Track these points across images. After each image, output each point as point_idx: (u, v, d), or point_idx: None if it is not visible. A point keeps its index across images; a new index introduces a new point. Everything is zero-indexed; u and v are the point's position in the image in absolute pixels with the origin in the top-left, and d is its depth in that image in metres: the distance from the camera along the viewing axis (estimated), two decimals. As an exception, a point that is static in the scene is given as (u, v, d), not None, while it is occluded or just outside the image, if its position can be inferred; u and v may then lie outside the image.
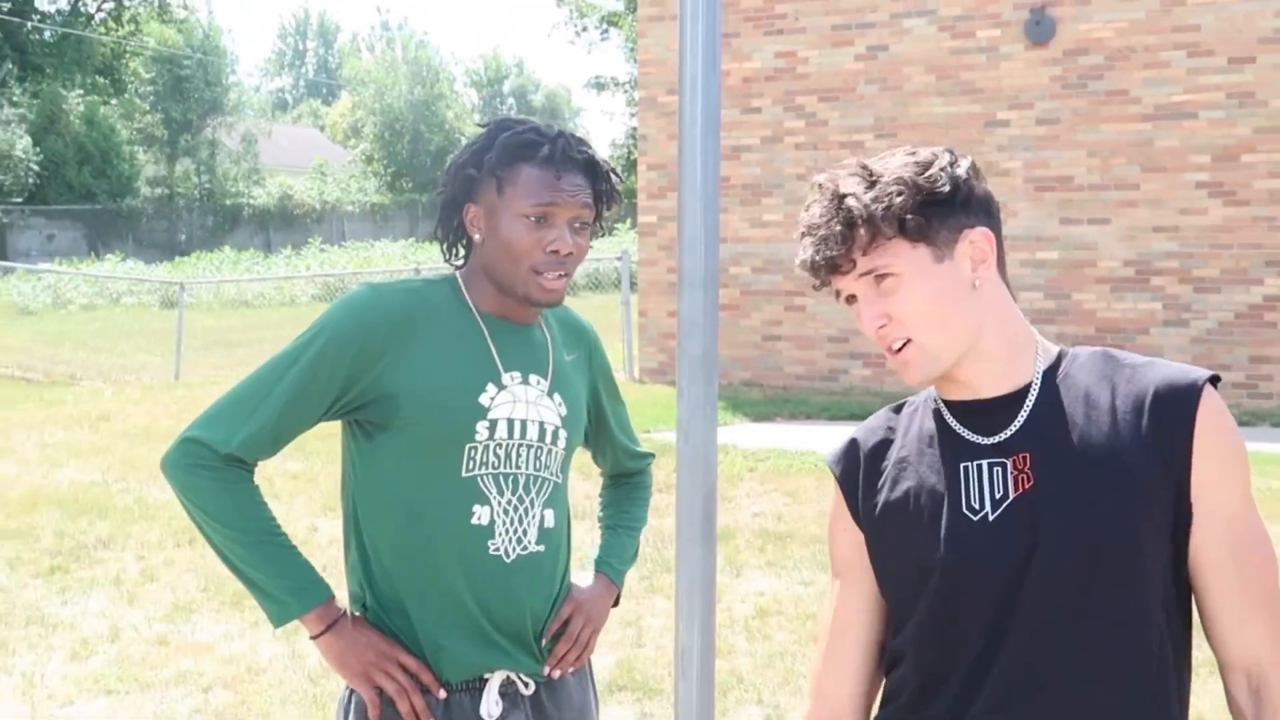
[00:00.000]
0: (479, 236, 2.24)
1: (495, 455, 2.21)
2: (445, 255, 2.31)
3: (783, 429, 10.46)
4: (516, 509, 2.23)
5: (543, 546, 2.26)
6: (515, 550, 2.22)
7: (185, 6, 49.72)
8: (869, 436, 1.92)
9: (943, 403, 1.84)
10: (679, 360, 1.95)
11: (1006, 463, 1.75)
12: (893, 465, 1.87)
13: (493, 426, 2.20)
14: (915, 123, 11.93)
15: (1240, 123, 10.86)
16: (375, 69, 60.67)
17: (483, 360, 2.23)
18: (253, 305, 26.59)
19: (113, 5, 47.29)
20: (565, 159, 2.19)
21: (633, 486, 2.66)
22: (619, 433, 2.57)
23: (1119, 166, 11.30)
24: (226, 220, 44.36)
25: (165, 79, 48.28)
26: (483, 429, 2.19)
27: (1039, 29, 11.42)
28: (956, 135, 11.76)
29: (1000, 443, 1.77)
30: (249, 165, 48.13)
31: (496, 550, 2.20)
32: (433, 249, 21.01)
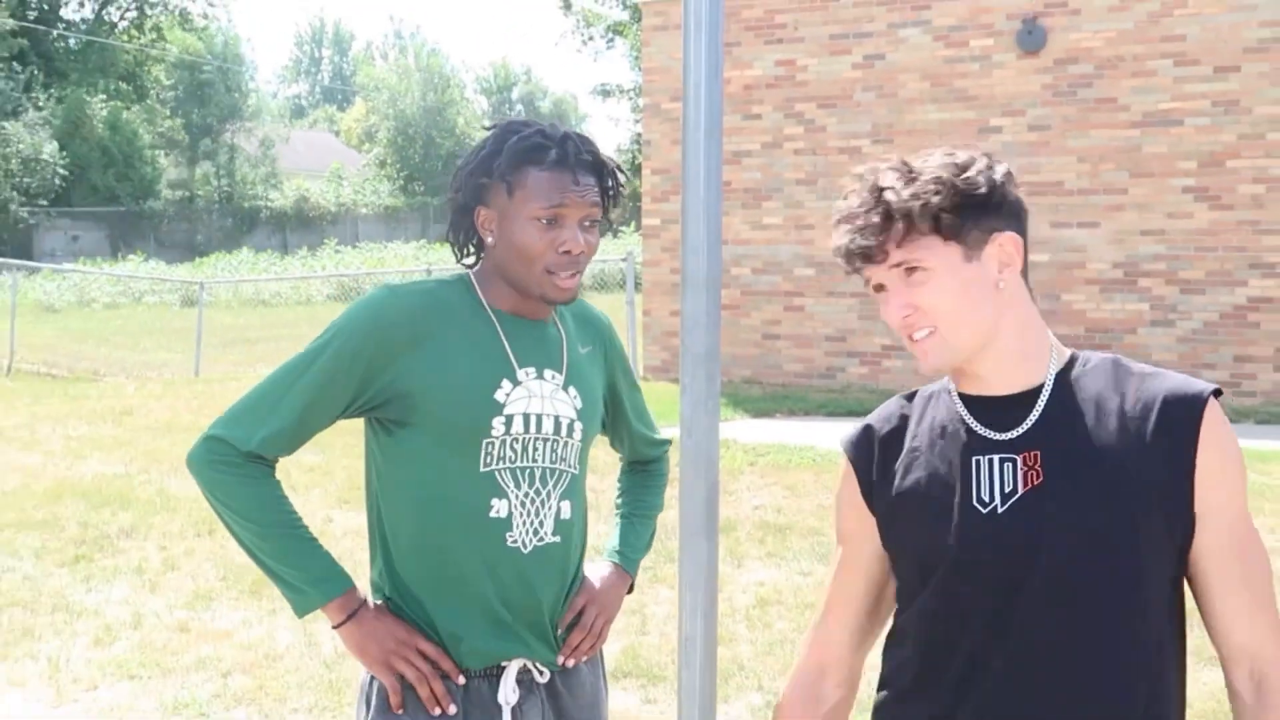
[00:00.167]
0: (491, 239, 2.22)
1: (512, 450, 2.20)
2: (457, 257, 2.29)
3: (782, 425, 10.45)
4: (534, 501, 2.22)
5: (559, 537, 2.25)
6: (532, 541, 2.21)
7: (205, 15, 49.74)
8: (884, 424, 1.93)
9: (958, 396, 1.86)
10: (682, 358, 1.95)
11: (1017, 459, 1.77)
12: (906, 453, 1.88)
13: (509, 422, 2.19)
14: (911, 129, 11.92)
15: (1225, 129, 10.85)
16: (389, 76, 60.76)
17: (498, 357, 2.21)
18: (270, 304, 26.63)
19: (135, 14, 47.27)
20: (574, 161, 2.18)
21: (649, 474, 2.64)
22: (636, 420, 2.55)
23: (1108, 172, 11.28)
24: (245, 222, 44.37)
25: (186, 85, 48.39)
26: (499, 424, 2.18)
27: (1030, 38, 11.41)
28: (950, 141, 11.57)
29: (1012, 439, 1.78)
30: (267, 169, 48.15)
31: (514, 542, 2.20)
32: (444, 250, 21.01)
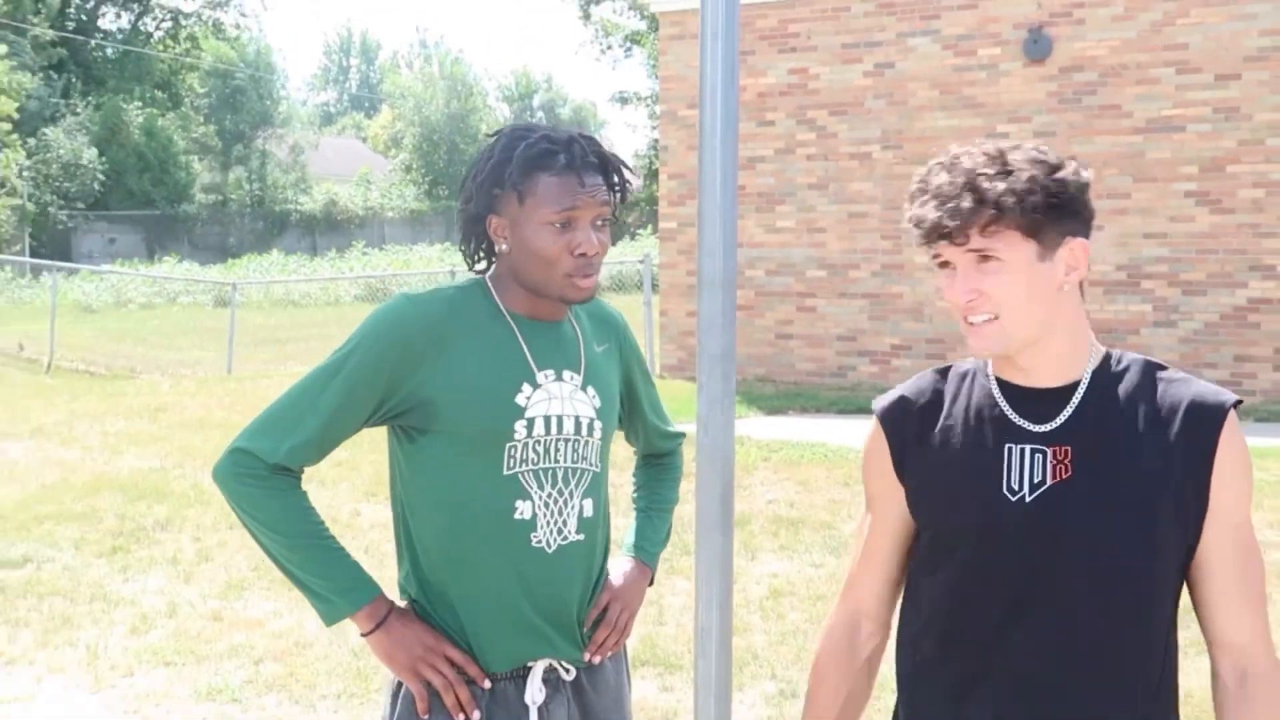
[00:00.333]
0: (505, 246, 2.19)
1: (535, 452, 2.17)
2: (469, 265, 2.26)
3: (794, 422, 10.44)
4: (557, 501, 2.19)
5: (583, 535, 2.22)
6: (557, 541, 2.19)
7: (238, 25, 49.91)
8: (918, 396, 1.94)
9: (997, 382, 1.87)
10: (699, 357, 1.95)
11: (1048, 451, 1.79)
12: (940, 430, 1.90)
13: (530, 424, 2.16)
14: (920, 136, 11.89)
15: (1226, 135, 10.79)
16: (414, 84, 60.80)
17: (517, 361, 2.18)
18: (300, 304, 26.70)
19: (170, 24, 47.44)
20: (581, 163, 2.15)
21: (664, 467, 2.62)
22: (651, 414, 2.53)
23: (1112, 177, 11.23)
24: (276, 225, 44.48)
25: (219, 93, 48.55)
26: (521, 428, 2.15)
27: (1036, 47, 11.36)
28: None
29: (1045, 432, 1.81)
30: (297, 174, 48.27)
31: (539, 543, 2.17)
32: (467, 252, 20.87)
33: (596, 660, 2.28)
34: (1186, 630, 1.84)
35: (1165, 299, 11.08)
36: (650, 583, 2.48)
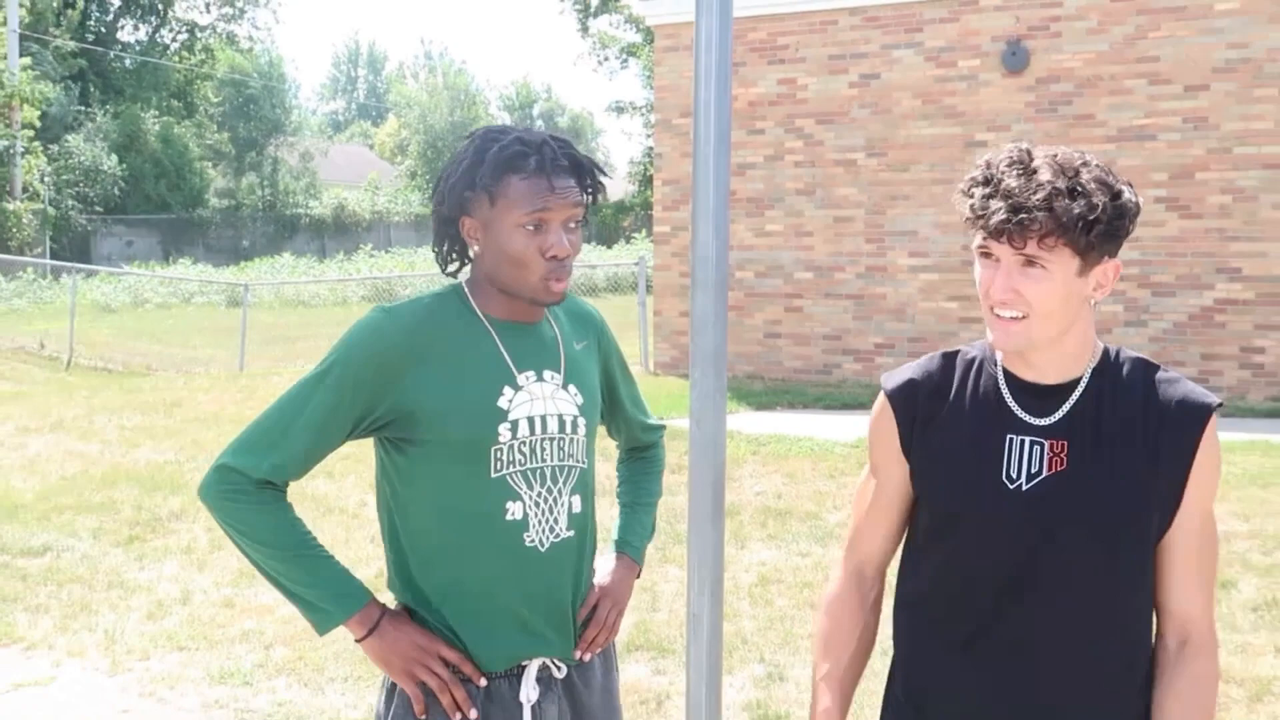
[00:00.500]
0: (477, 248, 2.14)
1: (521, 453, 2.11)
2: (442, 267, 2.19)
3: (782, 417, 10.44)
4: (546, 499, 2.14)
5: (573, 531, 2.17)
6: (549, 539, 2.14)
7: (251, 38, 49.81)
8: (926, 380, 1.98)
9: (1005, 374, 1.91)
10: (692, 355, 1.95)
11: (1045, 444, 1.85)
12: (946, 414, 1.94)
13: (514, 426, 2.10)
14: (904, 144, 11.89)
15: (1195, 144, 10.80)
16: (419, 94, 60.79)
17: (497, 365, 2.12)
18: (309, 305, 26.65)
19: (186, 36, 47.35)
20: (553, 165, 2.08)
21: (647, 461, 2.56)
22: (631, 408, 2.47)
23: (1086, 183, 11.23)
24: (286, 229, 44.39)
25: (233, 102, 48.41)
26: (505, 431, 2.09)
27: (1015, 59, 11.37)
28: (940, 155, 11.72)
29: (1045, 425, 1.86)
30: (307, 180, 48.13)
31: (532, 542, 2.12)
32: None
33: (587, 658, 2.24)
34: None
35: (1136, 299, 11.09)
36: (638, 576, 2.44)
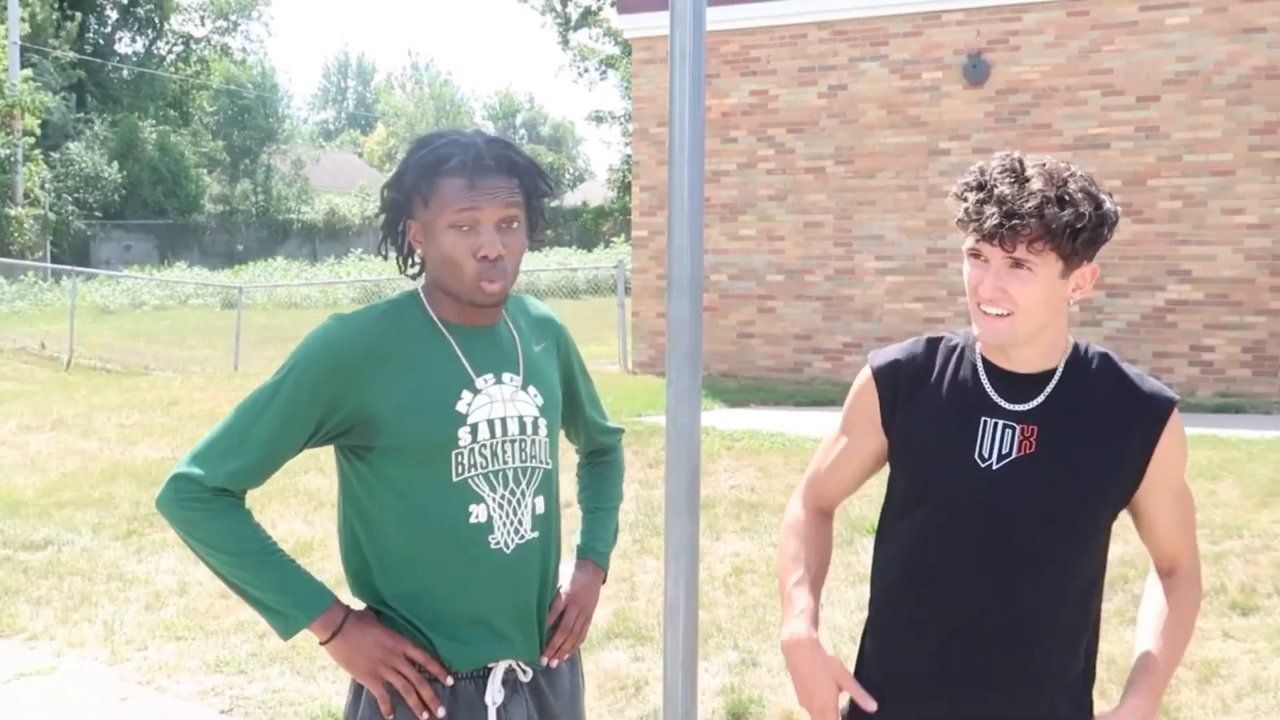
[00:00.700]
0: (420, 251, 2.05)
1: (482, 456, 2.02)
2: (401, 269, 2.11)
3: (755, 413, 10.44)
4: (510, 501, 2.04)
5: (538, 532, 2.08)
6: (514, 541, 2.04)
7: (244, 50, 49.57)
8: (910, 361, 2.04)
9: (984, 362, 1.97)
10: (668, 354, 1.95)
11: (1016, 428, 1.92)
12: (926, 394, 2.00)
13: (474, 430, 2.01)
14: (871, 152, 11.92)
15: (1147, 152, 10.87)
16: (406, 104, 60.69)
17: (454, 370, 2.03)
18: (301, 306, 26.54)
19: (182, 48, 47.09)
20: (477, 165, 1.96)
21: (607, 465, 2.46)
22: (590, 410, 2.37)
23: (1043, 189, 11.27)
24: (279, 233, 44.18)
25: (228, 111, 48.16)
26: (465, 435, 2.00)
27: (975, 71, 11.41)
28: (905, 163, 11.75)
29: (1018, 411, 1.93)
30: (299, 186, 47.90)
31: (497, 544, 2.03)
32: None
33: (555, 664, 2.16)
34: (1109, 602, 1.87)
35: (1091, 300, 11.14)
36: (603, 581, 2.36)
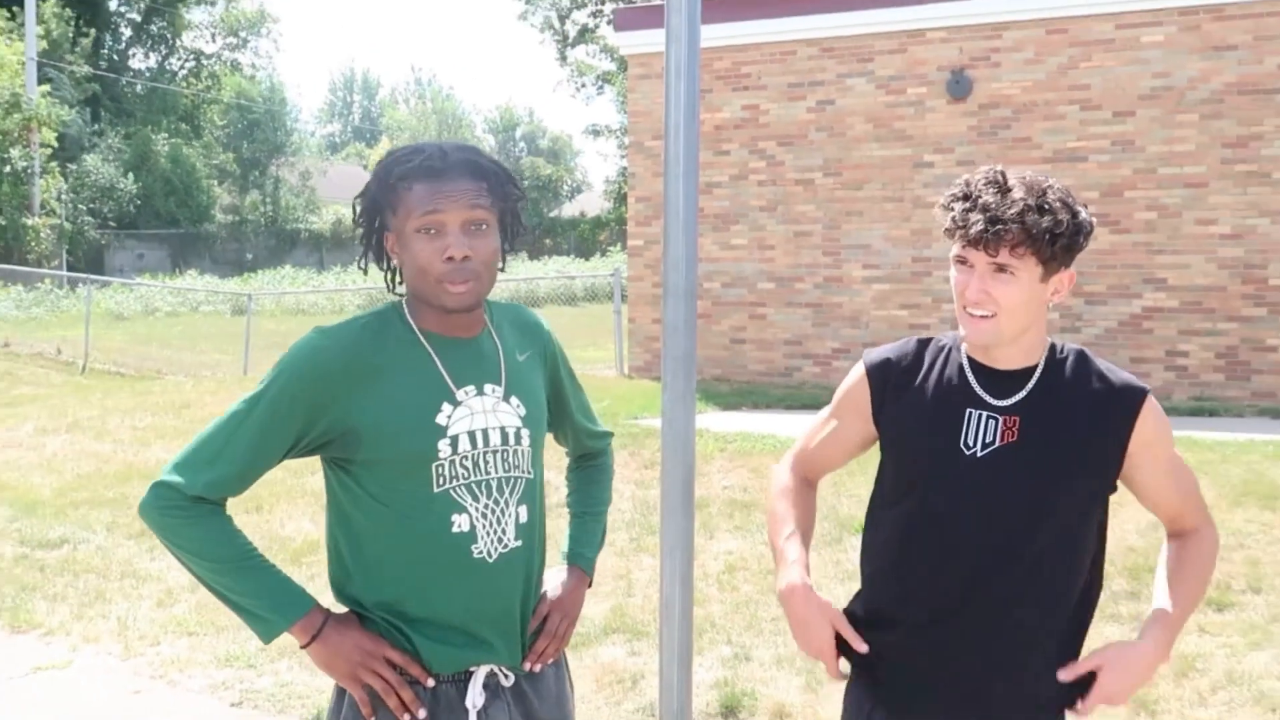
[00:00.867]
0: (396, 260, 1.99)
1: (463, 467, 1.96)
2: (390, 287, 2.05)
3: (747, 416, 10.43)
4: (493, 511, 1.99)
5: (521, 541, 2.02)
6: (497, 550, 1.98)
7: (254, 65, 49.53)
8: (901, 359, 2.10)
9: (970, 362, 2.03)
10: (664, 359, 1.95)
11: (1000, 419, 1.97)
12: (915, 389, 2.06)
13: (455, 442, 1.95)
14: (858, 164, 11.93)
15: (1123, 165, 10.89)
16: (409, 118, 60.60)
17: (434, 382, 1.97)
18: (308, 312, 26.50)
19: (194, 64, 47.06)
20: (437, 169, 1.90)
21: (596, 469, 2.39)
22: (579, 415, 2.30)
23: (1024, 200, 11.28)
24: (287, 242, 44.13)
25: (238, 125, 48.11)
26: (445, 447, 1.94)
27: (958, 86, 11.43)
28: (891, 174, 11.76)
29: (1001, 405, 1.98)
30: (307, 197, 47.85)
31: (480, 553, 1.97)
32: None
33: (537, 669, 2.09)
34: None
35: (1070, 307, 11.16)
36: (589, 586, 2.29)
